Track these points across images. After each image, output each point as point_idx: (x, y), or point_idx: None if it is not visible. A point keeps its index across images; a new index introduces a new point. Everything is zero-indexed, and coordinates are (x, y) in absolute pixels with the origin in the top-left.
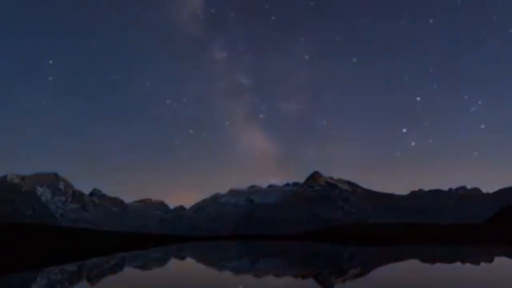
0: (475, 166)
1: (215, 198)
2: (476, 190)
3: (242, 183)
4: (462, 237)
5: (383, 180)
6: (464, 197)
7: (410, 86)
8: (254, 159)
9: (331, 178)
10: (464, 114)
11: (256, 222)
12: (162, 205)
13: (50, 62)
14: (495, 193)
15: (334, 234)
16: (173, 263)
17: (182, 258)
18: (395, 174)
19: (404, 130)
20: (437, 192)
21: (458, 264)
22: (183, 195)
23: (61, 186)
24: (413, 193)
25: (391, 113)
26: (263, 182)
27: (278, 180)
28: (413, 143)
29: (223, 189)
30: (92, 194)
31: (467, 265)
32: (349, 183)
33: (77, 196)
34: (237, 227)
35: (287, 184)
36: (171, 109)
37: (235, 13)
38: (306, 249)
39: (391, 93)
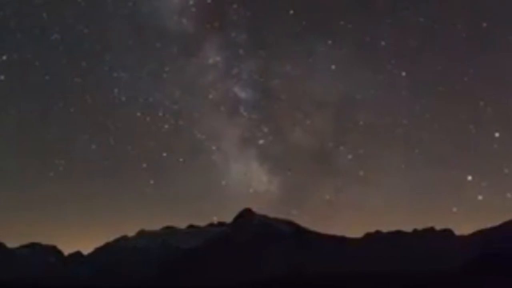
0: (445, 203)
1: (121, 242)
2: (448, 231)
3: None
4: None
5: (332, 219)
6: (433, 240)
7: (488, 116)
8: (249, 194)
9: (266, 216)
10: None
11: (172, 271)
12: (54, 250)
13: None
14: (471, 235)
15: (269, 286)
16: None
17: None
18: (348, 213)
19: (470, 177)
20: (399, 234)
21: None
22: (80, 238)
23: None
24: (368, 236)
25: (450, 152)
26: (181, 223)
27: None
28: (480, 197)
29: (131, 231)
30: None
31: None
32: (289, 223)
33: None
34: (148, 278)
35: (211, 224)
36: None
37: (238, 4)
38: None
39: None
